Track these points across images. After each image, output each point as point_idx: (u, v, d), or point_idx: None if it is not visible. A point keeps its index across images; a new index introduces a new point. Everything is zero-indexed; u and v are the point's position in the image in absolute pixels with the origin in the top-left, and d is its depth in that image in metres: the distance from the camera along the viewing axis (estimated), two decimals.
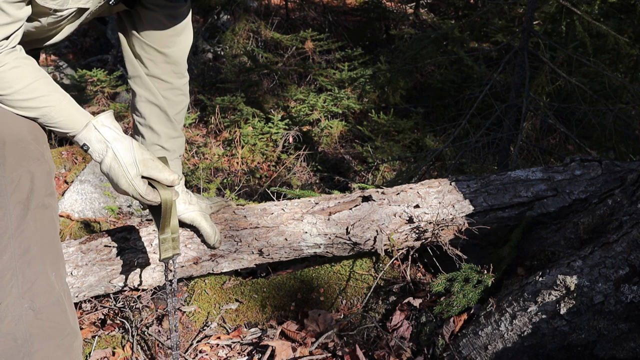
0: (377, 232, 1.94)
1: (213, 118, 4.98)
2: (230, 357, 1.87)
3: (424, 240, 2.01)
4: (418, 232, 1.98)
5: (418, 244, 2.03)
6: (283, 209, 1.96)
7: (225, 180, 4.12)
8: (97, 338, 1.89)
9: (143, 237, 1.84)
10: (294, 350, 1.81)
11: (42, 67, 1.39)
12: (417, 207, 1.97)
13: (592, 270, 1.56)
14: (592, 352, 1.57)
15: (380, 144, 4.42)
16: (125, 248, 1.82)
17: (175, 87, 1.73)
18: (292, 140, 4.80)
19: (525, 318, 1.60)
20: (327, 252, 1.99)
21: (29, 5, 1.29)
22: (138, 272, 1.83)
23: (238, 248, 1.89)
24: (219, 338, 1.92)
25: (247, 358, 1.86)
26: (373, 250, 1.99)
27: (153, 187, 1.46)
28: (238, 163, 4.54)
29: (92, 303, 2.03)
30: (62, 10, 1.36)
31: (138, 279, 1.85)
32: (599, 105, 3.47)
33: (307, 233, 1.93)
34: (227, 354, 1.87)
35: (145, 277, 1.85)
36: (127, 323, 1.93)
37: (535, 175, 2.04)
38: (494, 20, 4.87)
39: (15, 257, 1.28)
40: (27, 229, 1.29)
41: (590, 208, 1.89)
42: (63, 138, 4.13)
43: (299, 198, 2.12)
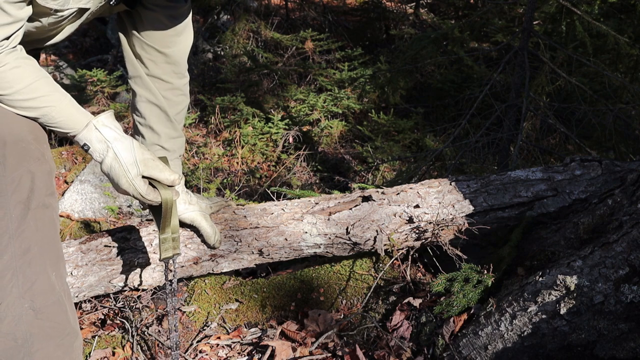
0: (377, 232, 1.95)
1: (213, 118, 4.98)
2: (230, 357, 1.87)
3: (424, 240, 2.01)
4: (418, 232, 1.98)
5: (418, 244, 2.03)
6: (283, 209, 1.96)
7: (225, 180, 4.12)
8: (97, 338, 1.89)
9: (143, 237, 1.85)
10: (294, 350, 1.81)
11: (42, 67, 1.39)
12: (417, 207, 1.97)
13: (592, 270, 1.56)
14: (592, 352, 1.57)
15: (380, 144, 4.42)
16: (125, 248, 1.82)
17: (176, 87, 1.73)
18: (292, 140, 4.80)
19: (525, 318, 1.60)
20: (327, 252, 1.99)
21: (30, 6, 1.29)
22: (138, 272, 1.83)
23: (238, 248, 1.89)
24: (219, 338, 1.92)
25: (247, 358, 1.86)
26: (373, 250, 1.99)
27: (153, 187, 1.46)
28: (238, 163, 4.54)
29: (92, 303, 2.04)
30: (63, 11, 1.36)
31: (138, 279, 1.85)
32: (599, 105, 3.47)
33: (307, 233, 1.93)
34: (227, 354, 1.87)
35: (145, 277, 1.85)
36: (127, 323, 1.93)
37: (535, 175, 2.05)
38: (494, 20, 4.86)
39: (16, 257, 1.28)
40: (27, 229, 1.29)
41: (590, 208, 1.89)
42: (63, 138, 4.13)
43: (299, 198, 2.12)
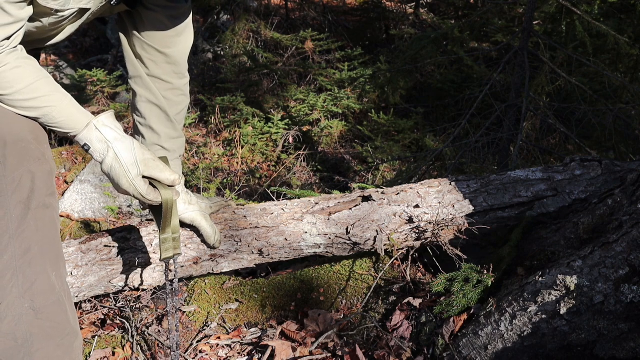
0: (377, 232, 1.95)
1: (213, 118, 4.98)
2: (230, 357, 1.87)
3: (424, 240, 2.01)
4: (418, 232, 1.98)
5: (418, 244, 2.03)
6: (283, 209, 1.97)
7: (225, 180, 4.12)
8: (97, 338, 1.89)
9: (143, 237, 1.85)
10: (294, 350, 1.81)
11: (42, 67, 1.39)
12: (417, 207, 1.97)
13: (592, 270, 1.56)
14: (592, 352, 1.57)
15: (380, 144, 4.42)
16: (126, 248, 1.82)
17: (176, 87, 1.73)
18: (292, 140, 4.80)
19: (525, 318, 1.60)
20: (327, 252, 1.99)
21: (31, 6, 1.29)
22: (138, 272, 1.83)
23: (238, 248, 1.89)
24: (219, 338, 1.92)
25: (247, 358, 1.86)
26: (373, 250, 1.99)
27: (154, 187, 1.46)
28: (238, 163, 4.54)
29: (92, 303, 2.04)
30: (63, 11, 1.36)
31: (138, 279, 1.85)
32: (599, 105, 3.47)
33: (307, 233, 1.93)
34: (227, 354, 1.87)
35: (146, 277, 1.86)
36: (127, 323, 1.93)
37: (535, 175, 2.05)
38: (494, 20, 4.86)
39: (16, 257, 1.28)
40: (27, 229, 1.29)
41: (590, 208, 1.89)
42: (63, 138, 4.13)
43: (299, 198, 2.12)
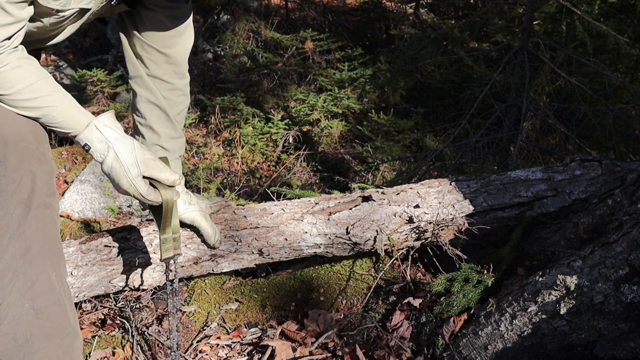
0: (377, 232, 1.95)
1: (213, 118, 4.98)
2: (230, 357, 1.87)
3: (424, 240, 2.01)
4: (418, 232, 1.98)
5: (418, 244, 2.03)
6: (283, 209, 1.97)
7: (225, 180, 4.12)
8: (97, 338, 1.89)
9: (143, 237, 1.85)
10: (294, 350, 1.81)
11: (42, 67, 1.40)
12: (417, 207, 1.97)
13: (592, 270, 1.56)
14: (592, 352, 1.57)
15: (380, 144, 4.42)
16: (126, 248, 1.82)
17: (176, 87, 1.73)
18: (292, 140, 4.80)
19: (525, 318, 1.60)
20: (327, 252, 1.99)
21: (32, 6, 1.29)
22: (138, 272, 1.83)
23: (238, 248, 1.89)
24: (219, 338, 1.92)
25: (247, 358, 1.86)
26: (373, 250, 1.99)
27: (154, 187, 1.46)
28: (238, 163, 4.54)
29: (92, 303, 2.04)
30: (64, 11, 1.36)
31: (138, 279, 1.85)
32: (599, 105, 3.47)
33: (307, 233, 1.93)
34: (227, 354, 1.88)
35: (146, 277, 1.86)
36: (127, 323, 1.93)
37: (535, 175, 2.05)
38: (494, 20, 4.86)
39: (16, 256, 1.28)
40: (28, 229, 1.29)
41: (590, 208, 1.89)
42: (63, 138, 4.13)
43: (299, 198, 2.12)
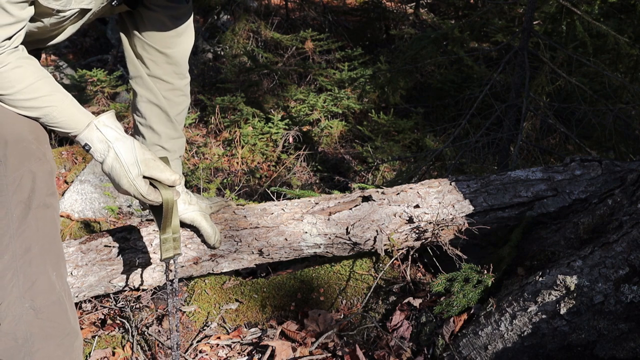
0: (377, 232, 1.95)
1: (213, 118, 4.98)
2: (230, 357, 1.87)
3: (424, 240, 2.01)
4: (418, 232, 1.98)
5: (418, 244, 2.03)
6: (283, 209, 1.97)
7: (225, 180, 4.12)
8: (97, 338, 1.89)
9: (143, 237, 1.85)
10: (294, 350, 1.81)
11: (42, 67, 1.40)
12: (417, 207, 1.97)
13: (592, 270, 1.56)
14: (592, 352, 1.57)
15: (380, 144, 4.42)
16: (126, 248, 1.82)
17: (176, 87, 1.73)
18: (292, 140, 4.80)
19: (525, 318, 1.60)
20: (327, 252, 1.99)
21: (32, 6, 1.29)
22: (138, 272, 1.84)
23: (238, 248, 1.89)
24: (219, 338, 1.92)
25: (247, 358, 1.86)
26: (373, 250, 1.99)
27: (154, 187, 1.46)
28: (238, 163, 4.53)
29: (92, 303, 2.04)
30: (64, 11, 1.36)
31: (138, 279, 1.85)
32: (599, 105, 3.47)
33: (307, 233, 1.93)
34: (227, 354, 1.88)
35: (146, 277, 1.86)
36: (127, 323, 1.94)
37: (535, 175, 2.05)
38: (494, 20, 4.86)
39: (17, 256, 1.28)
40: (28, 229, 1.29)
41: (590, 208, 1.89)
42: (63, 138, 4.13)
43: (299, 198, 2.12)
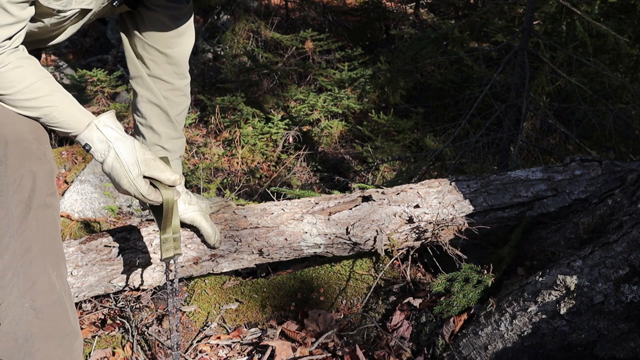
0: (377, 232, 1.95)
1: (213, 118, 4.98)
2: (230, 357, 1.87)
3: (424, 240, 2.01)
4: (418, 232, 1.98)
5: (418, 244, 2.03)
6: (283, 209, 1.97)
7: (225, 180, 4.12)
8: (97, 338, 1.89)
9: (143, 237, 1.85)
10: (294, 350, 1.81)
11: (42, 67, 1.40)
12: (417, 207, 1.98)
13: (592, 270, 1.56)
14: (592, 352, 1.57)
15: (380, 144, 4.42)
16: (126, 248, 1.82)
17: (177, 87, 1.74)
18: (292, 140, 4.79)
19: (525, 318, 1.60)
20: (327, 252, 1.99)
21: (33, 6, 1.29)
22: (138, 272, 1.84)
23: (238, 248, 1.90)
24: (219, 338, 1.92)
25: (247, 358, 1.86)
26: (373, 250, 1.99)
27: (154, 187, 1.46)
28: (238, 163, 4.53)
29: (92, 303, 2.04)
30: (65, 11, 1.36)
31: (138, 279, 1.85)
32: (599, 105, 3.47)
33: (307, 233, 1.93)
34: (227, 354, 1.88)
35: (146, 277, 1.86)
36: (127, 323, 1.94)
37: (535, 175, 2.05)
38: (494, 20, 4.86)
39: (17, 256, 1.28)
40: (28, 229, 1.30)
41: (590, 208, 1.89)
42: (63, 138, 4.13)
43: (299, 198, 2.12)
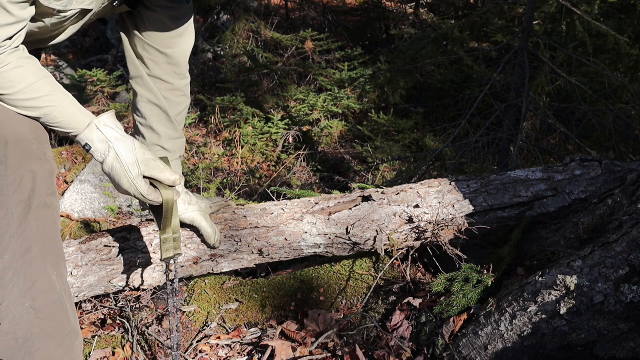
0: (377, 232, 1.95)
1: (213, 118, 4.98)
2: (230, 357, 1.87)
3: (424, 240, 2.01)
4: (418, 232, 1.98)
5: (418, 244, 2.03)
6: (283, 209, 1.97)
7: (225, 180, 4.12)
8: (97, 338, 1.89)
9: (143, 237, 1.85)
10: (294, 350, 1.81)
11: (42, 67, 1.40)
12: (417, 207, 1.98)
13: (592, 270, 1.56)
14: (592, 352, 1.57)
15: (380, 144, 4.42)
16: (126, 248, 1.82)
17: (177, 88, 1.74)
18: (292, 140, 4.79)
19: (525, 318, 1.60)
20: (327, 252, 1.99)
21: (33, 6, 1.29)
22: (138, 272, 1.84)
23: (238, 248, 1.90)
24: (219, 338, 1.92)
25: (247, 358, 1.86)
26: (373, 250, 1.99)
27: (154, 187, 1.46)
28: (238, 163, 4.53)
29: (92, 303, 2.04)
30: (65, 11, 1.36)
31: (138, 279, 1.85)
32: (599, 105, 3.47)
33: (307, 233, 1.93)
34: (227, 354, 1.88)
35: (146, 277, 1.86)
36: (127, 323, 1.94)
37: (535, 175, 2.05)
38: (494, 20, 4.86)
39: (17, 256, 1.28)
40: (28, 229, 1.30)
41: (590, 208, 1.89)
42: (63, 138, 4.13)
43: (299, 198, 2.12)
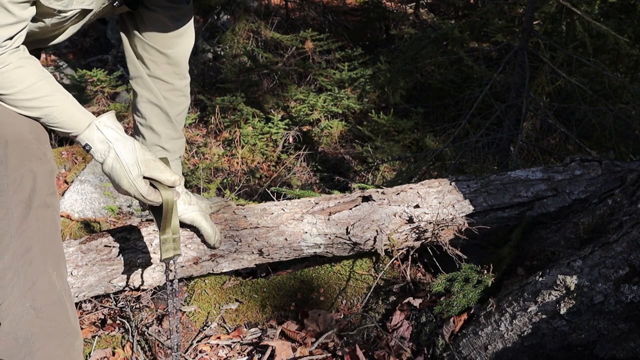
0: (377, 232, 1.95)
1: (213, 118, 4.98)
2: (230, 357, 1.87)
3: (424, 240, 2.01)
4: (418, 232, 1.98)
5: (418, 244, 2.03)
6: (283, 209, 1.97)
7: (225, 180, 4.12)
8: (97, 338, 1.89)
9: (143, 237, 1.85)
10: (294, 350, 1.81)
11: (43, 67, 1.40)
12: (417, 207, 1.98)
13: (592, 270, 1.56)
14: (592, 352, 1.57)
15: (380, 144, 4.42)
16: (126, 248, 1.82)
17: (177, 88, 1.74)
18: (292, 140, 4.80)
19: (525, 318, 1.60)
20: (327, 252, 1.99)
21: (34, 6, 1.29)
22: (138, 272, 1.84)
23: (238, 248, 1.90)
24: (219, 338, 1.92)
25: (247, 358, 1.86)
26: (373, 250, 1.99)
27: (154, 187, 1.47)
28: (238, 163, 4.54)
29: (92, 303, 2.04)
30: (66, 12, 1.37)
31: (138, 279, 1.85)
32: (599, 105, 3.47)
33: (307, 233, 1.93)
34: (227, 354, 1.88)
35: (146, 277, 1.86)
36: (127, 323, 1.94)
37: (535, 175, 2.05)
38: (494, 20, 4.86)
39: (17, 256, 1.28)
40: (28, 229, 1.30)
41: (590, 208, 1.89)
42: (63, 138, 4.13)
43: (299, 198, 2.12)
